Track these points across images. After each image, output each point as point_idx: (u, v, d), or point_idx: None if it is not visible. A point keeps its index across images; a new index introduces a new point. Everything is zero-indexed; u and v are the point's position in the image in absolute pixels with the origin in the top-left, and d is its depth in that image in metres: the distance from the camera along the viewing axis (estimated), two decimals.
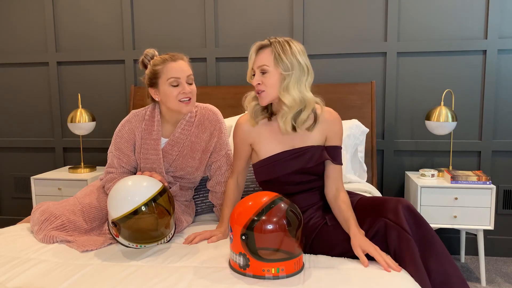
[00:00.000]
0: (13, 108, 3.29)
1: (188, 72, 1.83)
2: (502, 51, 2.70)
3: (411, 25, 2.78)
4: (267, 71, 1.61)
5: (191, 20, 2.99)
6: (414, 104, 2.82)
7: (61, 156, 3.24)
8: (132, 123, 1.92)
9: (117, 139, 1.92)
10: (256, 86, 1.64)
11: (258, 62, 1.64)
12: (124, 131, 1.91)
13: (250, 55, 1.67)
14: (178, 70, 1.81)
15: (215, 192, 2.02)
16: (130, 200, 1.59)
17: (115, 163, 1.92)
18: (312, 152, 1.68)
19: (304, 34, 2.88)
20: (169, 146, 1.90)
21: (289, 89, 1.60)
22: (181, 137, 1.90)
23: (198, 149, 1.93)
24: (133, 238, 1.64)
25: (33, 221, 1.85)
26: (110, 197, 1.66)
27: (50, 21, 3.13)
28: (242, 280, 1.38)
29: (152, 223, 1.62)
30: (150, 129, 1.90)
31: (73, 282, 1.39)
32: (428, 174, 2.56)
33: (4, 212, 3.40)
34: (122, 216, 1.58)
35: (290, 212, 1.41)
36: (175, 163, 1.91)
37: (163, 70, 1.81)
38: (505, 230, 2.82)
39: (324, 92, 2.74)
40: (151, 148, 1.89)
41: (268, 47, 1.64)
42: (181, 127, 1.90)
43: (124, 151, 1.91)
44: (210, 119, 1.95)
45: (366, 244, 1.48)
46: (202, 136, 1.93)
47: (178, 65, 1.82)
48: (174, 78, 1.80)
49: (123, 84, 3.12)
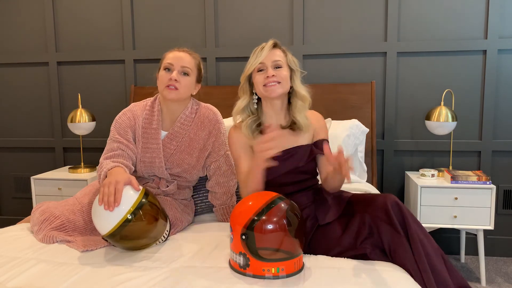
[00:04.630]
0: (13, 108, 3.29)
1: (185, 63, 1.87)
2: (502, 51, 2.70)
3: (411, 25, 2.78)
4: (281, 65, 1.74)
5: (191, 20, 2.99)
6: (414, 104, 2.82)
7: (61, 156, 3.24)
8: (133, 112, 1.94)
9: (117, 125, 1.91)
10: (270, 77, 1.71)
11: (273, 57, 1.74)
12: (125, 117, 1.92)
13: (262, 50, 1.74)
14: (176, 58, 1.87)
15: (214, 193, 2.03)
16: (112, 215, 1.54)
17: (114, 146, 1.86)
18: (302, 151, 1.76)
19: (304, 34, 2.88)
20: (168, 140, 1.92)
21: (300, 84, 1.78)
22: (180, 131, 1.92)
23: (196, 147, 1.94)
24: (128, 247, 1.63)
25: (33, 221, 1.85)
26: (93, 215, 1.62)
27: (50, 21, 3.13)
28: (242, 280, 1.38)
29: (141, 230, 1.59)
30: (150, 118, 1.93)
31: (73, 282, 1.39)
32: (428, 174, 2.56)
33: (4, 212, 3.40)
34: (109, 232, 1.56)
35: (290, 212, 1.41)
36: (172, 157, 1.91)
37: (166, 56, 1.91)
38: (505, 230, 2.82)
39: (324, 92, 2.77)
40: (151, 137, 1.90)
41: (279, 47, 1.78)
42: (180, 121, 1.93)
43: (124, 135, 1.89)
44: (210, 118, 1.97)
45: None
46: (200, 134, 1.95)
47: (178, 53, 1.89)
48: (168, 63, 1.87)
49: (123, 84, 3.11)
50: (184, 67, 1.87)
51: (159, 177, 1.95)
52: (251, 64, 1.75)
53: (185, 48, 1.94)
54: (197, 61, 1.94)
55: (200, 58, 1.98)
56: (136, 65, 3.08)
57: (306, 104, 1.79)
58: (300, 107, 1.77)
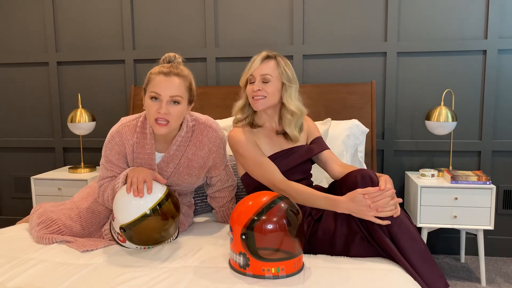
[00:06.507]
0: (13, 108, 3.29)
1: (174, 92, 1.63)
2: (502, 51, 2.70)
3: (411, 25, 2.78)
4: (269, 80, 1.75)
5: (191, 20, 2.99)
6: (414, 104, 2.82)
7: (61, 156, 3.24)
8: (122, 135, 1.75)
9: (107, 151, 1.77)
10: (256, 92, 1.74)
11: (262, 70, 1.75)
12: (114, 142, 1.75)
13: (253, 62, 1.77)
14: (163, 86, 1.63)
15: (215, 197, 2.02)
16: (137, 205, 1.57)
17: (108, 174, 1.79)
18: (300, 151, 1.83)
19: (304, 34, 2.88)
20: (164, 163, 1.79)
21: (292, 99, 1.79)
22: (176, 154, 1.79)
23: (195, 166, 1.84)
24: (142, 242, 1.64)
25: (31, 224, 1.86)
26: (116, 203, 1.63)
27: (50, 21, 3.13)
28: (242, 280, 1.38)
29: (160, 226, 1.61)
30: (142, 142, 1.75)
31: (73, 282, 1.39)
32: (428, 174, 2.55)
33: (4, 212, 3.40)
34: (131, 221, 1.57)
35: (290, 212, 1.41)
36: (170, 179, 1.83)
37: (152, 80, 1.67)
38: (505, 230, 2.82)
39: (324, 92, 2.77)
40: (145, 163, 1.76)
41: (273, 59, 1.78)
42: (176, 144, 1.77)
43: (116, 163, 1.77)
44: (209, 136, 1.82)
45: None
46: (199, 153, 1.82)
47: (167, 80, 1.64)
48: (155, 93, 1.63)
49: (123, 84, 3.11)
50: (173, 97, 1.63)
51: None
52: (244, 74, 1.81)
53: (172, 66, 1.68)
54: (187, 82, 1.70)
55: (191, 74, 1.74)
56: (136, 65, 3.08)
57: (295, 119, 1.80)
58: (289, 121, 1.80)
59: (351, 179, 1.61)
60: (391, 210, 1.50)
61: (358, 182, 1.57)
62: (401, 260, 1.47)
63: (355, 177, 1.59)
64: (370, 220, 1.51)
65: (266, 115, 1.85)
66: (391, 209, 1.50)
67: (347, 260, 1.52)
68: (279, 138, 1.85)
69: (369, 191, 1.50)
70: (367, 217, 1.51)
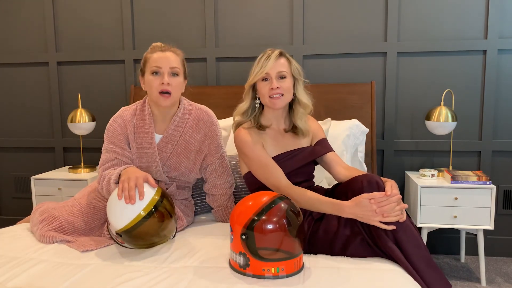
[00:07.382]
0: (13, 108, 3.29)
1: (173, 64, 1.80)
2: (502, 51, 2.70)
3: (411, 25, 2.78)
4: (285, 76, 1.77)
5: (191, 20, 2.99)
6: (414, 104, 2.82)
7: (61, 156, 3.24)
8: (123, 118, 1.87)
9: (109, 134, 1.86)
10: (274, 90, 1.75)
11: (278, 68, 1.76)
12: (116, 124, 1.86)
13: (267, 61, 1.76)
14: (162, 60, 1.79)
15: (212, 195, 2.02)
16: (130, 211, 1.56)
17: (110, 156, 1.84)
18: (304, 152, 1.83)
19: (304, 34, 2.88)
20: (163, 143, 1.87)
21: (303, 92, 1.83)
22: (175, 134, 1.88)
23: (192, 149, 1.91)
24: (140, 244, 1.63)
25: (33, 221, 1.86)
26: (109, 208, 1.62)
27: (50, 21, 3.13)
28: (242, 280, 1.38)
29: (156, 228, 1.60)
30: (142, 123, 1.87)
31: (73, 282, 1.39)
32: (428, 174, 2.55)
33: (4, 212, 3.40)
34: (126, 228, 1.56)
35: (290, 212, 1.41)
36: (169, 161, 1.89)
37: (150, 58, 1.81)
38: (505, 230, 2.82)
39: (324, 92, 2.77)
40: (145, 142, 1.85)
41: (283, 56, 1.80)
42: (174, 124, 1.87)
43: (118, 144, 1.85)
44: (205, 120, 1.93)
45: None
46: (196, 136, 1.91)
47: (164, 55, 1.80)
48: (156, 67, 1.78)
49: (123, 84, 3.12)
50: (173, 68, 1.80)
51: (158, 180, 1.94)
52: (255, 73, 1.77)
53: (166, 45, 1.86)
54: (181, 58, 1.87)
55: (182, 52, 1.90)
56: (136, 65, 3.08)
57: (307, 111, 1.85)
58: (301, 114, 1.84)
59: (357, 184, 1.60)
60: (397, 215, 1.49)
61: (364, 187, 1.56)
62: (405, 264, 1.46)
63: (361, 182, 1.58)
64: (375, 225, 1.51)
65: (273, 116, 1.85)
66: (396, 214, 1.49)
67: (347, 260, 1.52)
68: (284, 139, 1.85)
69: (375, 196, 1.49)
70: (372, 222, 1.50)
